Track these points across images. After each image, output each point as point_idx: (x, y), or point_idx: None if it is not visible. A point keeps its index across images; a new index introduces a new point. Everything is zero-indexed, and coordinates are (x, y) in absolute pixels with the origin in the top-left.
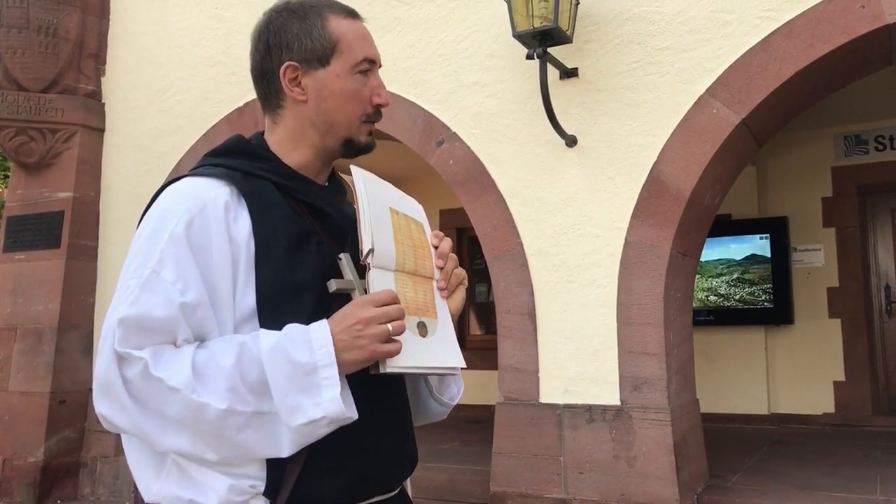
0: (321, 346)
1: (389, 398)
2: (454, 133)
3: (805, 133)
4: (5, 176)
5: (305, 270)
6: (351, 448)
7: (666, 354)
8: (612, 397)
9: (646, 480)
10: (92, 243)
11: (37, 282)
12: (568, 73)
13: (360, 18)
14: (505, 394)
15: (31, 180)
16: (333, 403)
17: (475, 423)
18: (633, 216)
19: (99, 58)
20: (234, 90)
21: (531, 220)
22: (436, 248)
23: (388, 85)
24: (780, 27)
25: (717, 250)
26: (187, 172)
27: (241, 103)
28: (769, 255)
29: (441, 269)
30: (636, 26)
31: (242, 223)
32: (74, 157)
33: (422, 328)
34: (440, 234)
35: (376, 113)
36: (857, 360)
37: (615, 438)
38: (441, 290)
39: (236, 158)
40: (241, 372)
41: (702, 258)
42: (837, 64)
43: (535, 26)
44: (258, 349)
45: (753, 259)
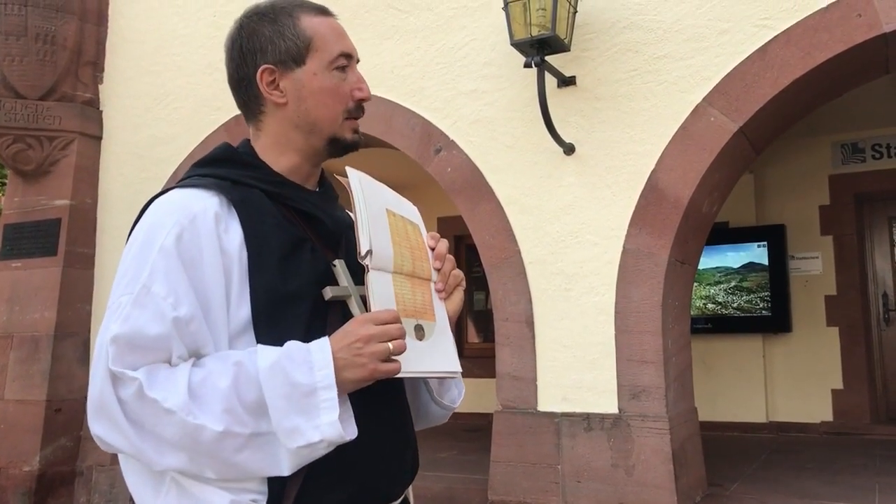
0: (322, 368)
1: (390, 405)
2: (452, 141)
3: (802, 141)
4: (2, 183)
5: (300, 279)
6: (353, 459)
7: (664, 362)
8: (611, 405)
9: (644, 489)
10: (89, 251)
11: (33, 289)
12: (566, 82)
13: (333, 15)
14: (503, 402)
15: (29, 188)
16: (331, 427)
17: (473, 432)
18: (631, 224)
19: (97, 65)
20: (232, 98)
21: (529, 228)
22: (432, 250)
23: (387, 93)
24: (778, 36)
25: (715, 258)
26: (175, 184)
27: (239, 112)
28: (767, 263)
29: (438, 271)
30: (634, 35)
31: (234, 233)
32: (72, 165)
33: (419, 331)
34: (436, 236)
35: (358, 108)
36: (855, 369)
37: (613, 447)
38: (439, 292)
39: (224, 167)
40: (238, 393)
41: (699, 266)
42: (834, 72)
43: (533, 35)
44: (255, 368)
45: (751, 267)
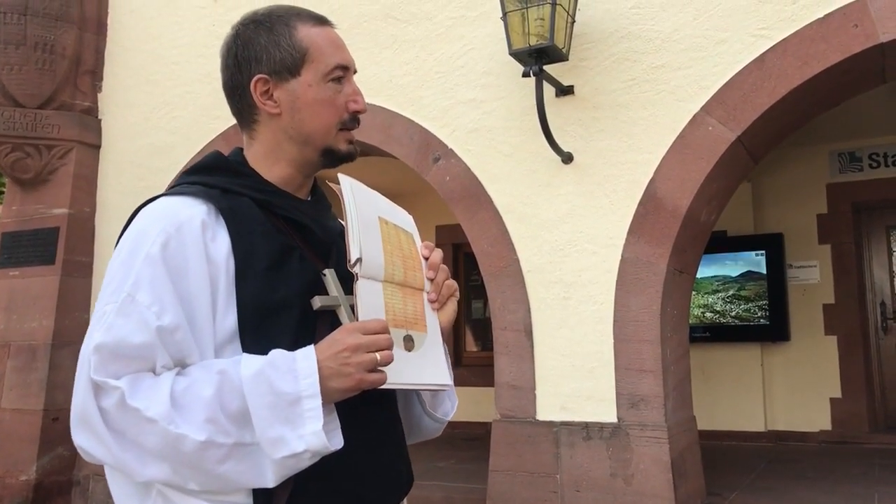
0: (307, 376)
1: (380, 417)
2: (450, 150)
3: (800, 150)
4: (1, 192)
5: (288, 288)
6: (342, 470)
7: (663, 371)
8: (609, 415)
9: (643, 499)
10: (87, 260)
11: (31, 298)
12: (564, 91)
13: (331, 25)
14: (501, 411)
15: (27, 196)
16: (316, 437)
17: (471, 441)
18: (630, 233)
19: (95, 74)
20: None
21: (527, 237)
22: (426, 260)
23: (385, 102)
24: (775, 45)
25: (713, 267)
26: (163, 192)
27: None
28: (765, 272)
29: (432, 281)
30: (632, 44)
31: (221, 242)
32: (70, 174)
33: (408, 342)
34: (430, 245)
35: (353, 120)
36: (854, 377)
37: (612, 456)
38: (431, 303)
39: (214, 175)
40: (222, 402)
41: (698, 275)
42: (831, 82)
43: (532, 44)
44: (239, 378)
45: (749, 276)
